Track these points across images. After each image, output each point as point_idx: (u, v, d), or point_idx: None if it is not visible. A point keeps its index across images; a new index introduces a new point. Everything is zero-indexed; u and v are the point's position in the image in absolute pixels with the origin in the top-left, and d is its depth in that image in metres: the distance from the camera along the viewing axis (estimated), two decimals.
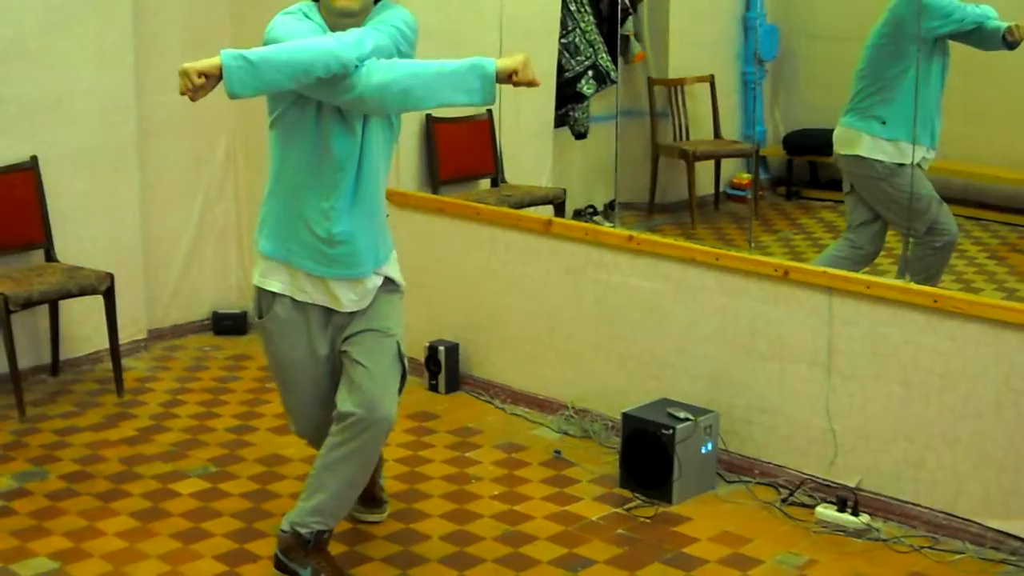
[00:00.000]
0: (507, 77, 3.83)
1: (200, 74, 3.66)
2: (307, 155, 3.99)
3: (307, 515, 4.14)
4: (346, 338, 4.15)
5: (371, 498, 4.61)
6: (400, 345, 4.17)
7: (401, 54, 3.94)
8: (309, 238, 4.03)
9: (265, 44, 3.85)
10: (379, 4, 4.04)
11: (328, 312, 4.15)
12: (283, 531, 4.17)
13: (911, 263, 5.51)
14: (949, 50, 5.54)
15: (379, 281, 4.17)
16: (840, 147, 5.70)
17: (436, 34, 6.17)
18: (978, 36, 5.50)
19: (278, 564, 4.19)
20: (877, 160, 5.54)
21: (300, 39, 3.82)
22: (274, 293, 4.13)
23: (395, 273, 4.25)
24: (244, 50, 3.70)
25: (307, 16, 3.98)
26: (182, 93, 3.70)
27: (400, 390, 4.17)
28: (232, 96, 3.71)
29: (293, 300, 4.13)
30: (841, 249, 5.75)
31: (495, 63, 3.82)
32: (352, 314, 4.15)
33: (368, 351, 4.11)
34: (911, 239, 5.49)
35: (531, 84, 3.85)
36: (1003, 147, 7.16)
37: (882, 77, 5.54)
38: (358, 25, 3.94)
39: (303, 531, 4.13)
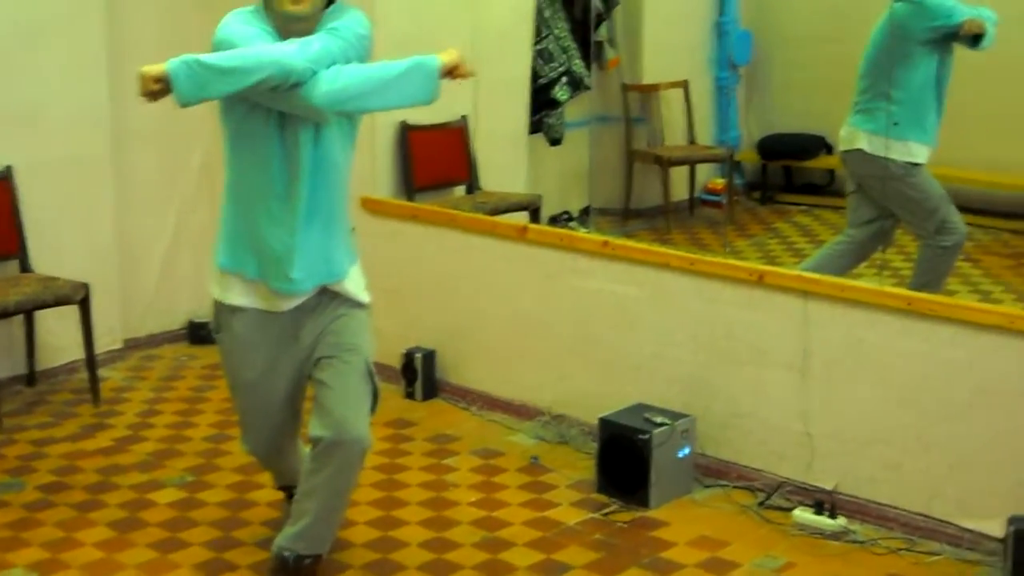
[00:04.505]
0: (448, 72, 3.84)
1: (155, 79, 3.62)
2: (260, 163, 3.89)
3: (291, 540, 4.10)
4: (315, 363, 4.06)
5: None
6: (368, 363, 4.08)
7: (352, 60, 3.84)
8: (263, 248, 3.96)
9: (214, 47, 3.79)
10: (332, 7, 3.93)
11: (296, 326, 4.07)
12: (272, 553, 4.17)
13: (918, 265, 5.60)
14: (953, 50, 5.61)
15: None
16: (846, 145, 5.78)
17: (410, 41, 6.15)
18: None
19: None
20: (891, 160, 5.60)
21: (249, 46, 3.74)
22: (234, 307, 4.08)
23: (356, 290, 4.14)
24: (191, 56, 3.64)
25: (256, 19, 3.89)
26: (141, 95, 3.67)
27: (372, 409, 4.09)
28: (182, 104, 3.66)
29: (257, 312, 4.06)
30: (840, 244, 5.89)
31: (437, 60, 3.82)
32: (319, 334, 4.06)
33: (336, 372, 4.02)
34: (920, 240, 5.61)
35: (468, 76, 3.89)
36: (977, 149, 7.20)
37: (888, 78, 5.58)
38: (310, 30, 3.84)
39: (286, 554, 4.10)
